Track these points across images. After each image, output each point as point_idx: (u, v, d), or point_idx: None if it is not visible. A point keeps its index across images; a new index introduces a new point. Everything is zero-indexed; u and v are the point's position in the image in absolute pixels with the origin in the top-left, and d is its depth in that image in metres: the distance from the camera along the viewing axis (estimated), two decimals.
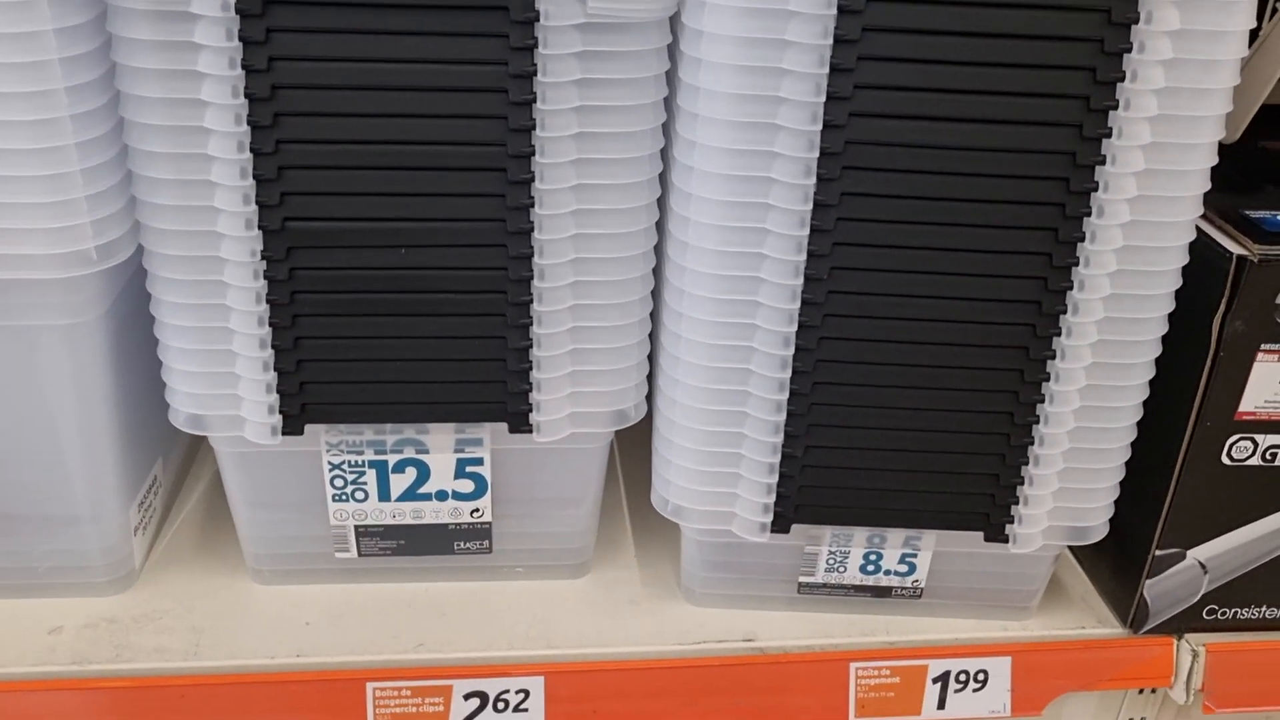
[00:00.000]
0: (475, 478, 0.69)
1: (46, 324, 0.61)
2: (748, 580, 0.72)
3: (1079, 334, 0.60)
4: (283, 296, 0.60)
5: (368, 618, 0.71)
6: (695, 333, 0.62)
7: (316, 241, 0.59)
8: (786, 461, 0.64)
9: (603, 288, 0.62)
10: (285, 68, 0.55)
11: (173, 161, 0.57)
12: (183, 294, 0.61)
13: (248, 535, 0.71)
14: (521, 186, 0.58)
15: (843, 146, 0.56)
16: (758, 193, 0.58)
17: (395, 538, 0.71)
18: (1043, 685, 0.71)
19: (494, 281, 0.61)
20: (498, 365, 0.63)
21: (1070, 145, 0.56)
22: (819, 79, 0.55)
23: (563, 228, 0.60)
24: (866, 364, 0.62)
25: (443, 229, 0.59)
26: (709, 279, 0.60)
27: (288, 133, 0.56)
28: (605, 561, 0.77)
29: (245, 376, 0.62)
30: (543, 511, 0.71)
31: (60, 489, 0.67)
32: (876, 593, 0.71)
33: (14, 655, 0.66)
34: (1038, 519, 0.66)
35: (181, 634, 0.69)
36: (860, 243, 0.59)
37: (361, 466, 0.68)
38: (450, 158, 0.58)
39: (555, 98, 0.57)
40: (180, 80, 0.55)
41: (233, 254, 0.59)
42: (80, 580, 0.70)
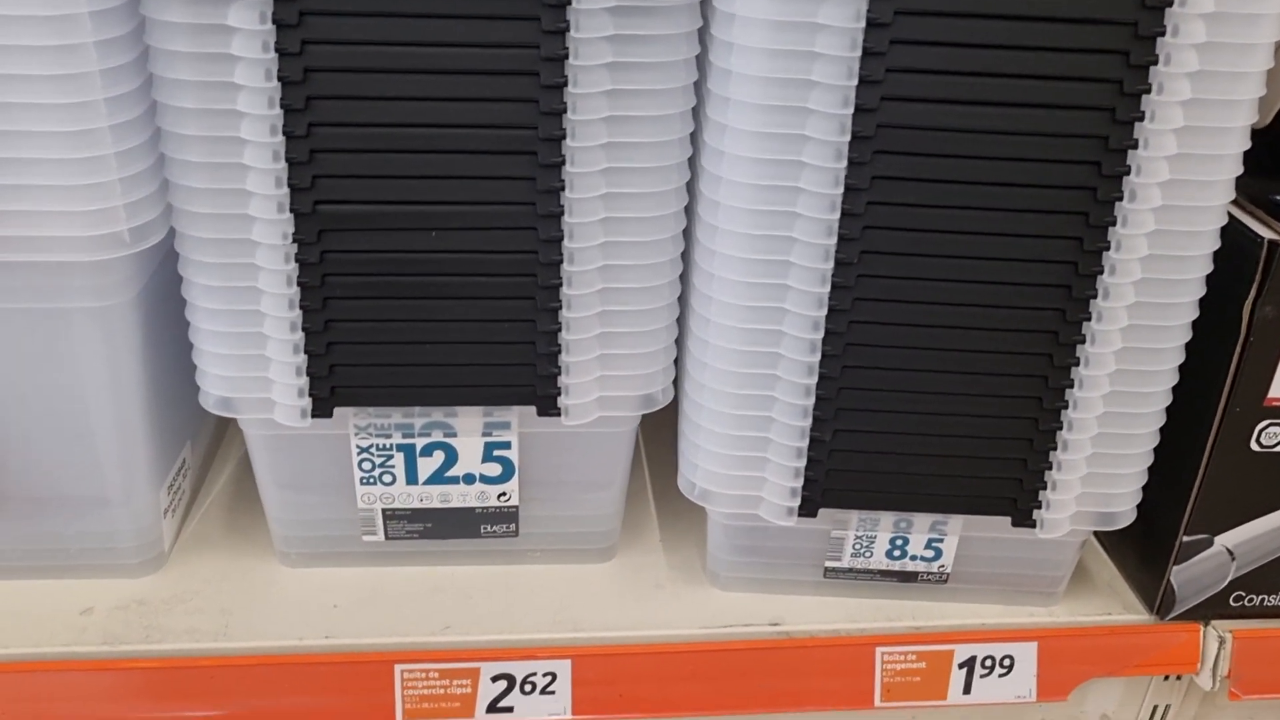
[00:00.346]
0: (503, 461, 0.69)
1: (79, 306, 0.61)
2: (773, 564, 0.72)
3: (1109, 319, 0.60)
4: (314, 279, 0.60)
5: (395, 601, 0.71)
6: (724, 316, 0.62)
7: (348, 225, 0.59)
8: (814, 445, 0.64)
9: (632, 271, 0.62)
10: (318, 51, 0.55)
11: (205, 145, 0.57)
12: (214, 277, 0.61)
13: (276, 518, 0.72)
14: (552, 170, 0.58)
15: (874, 130, 0.56)
16: (788, 176, 0.58)
17: (422, 521, 0.71)
18: (1068, 671, 0.71)
19: (523, 265, 0.61)
20: (527, 348, 0.63)
21: (1102, 129, 0.56)
22: (851, 63, 0.55)
23: (592, 211, 0.60)
24: (896, 348, 0.62)
25: (473, 212, 0.59)
26: (738, 263, 0.60)
27: (320, 116, 0.57)
28: (631, 545, 0.77)
29: (275, 359, 0.63)
30: (569, 495, 0.72)
31: (91, 471, 0.67)
32: (902, 578, 0.71)
33: (46, 635, 0.67)
34: (1065, 504, 0.66)
35: (211, 615, 0.69)
36: (890, 227, 0.58)
37: (389, 450, 0.68)
38: (481, 141, 0.58)
39: (586, 81, 0.57)
40: (213, 64, 0.55)
41: (264, 237, 0.59)
42: (111, 562, 0.71)
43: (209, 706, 0.67)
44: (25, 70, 0.53)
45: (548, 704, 0.68)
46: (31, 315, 0.61)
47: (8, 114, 0.54)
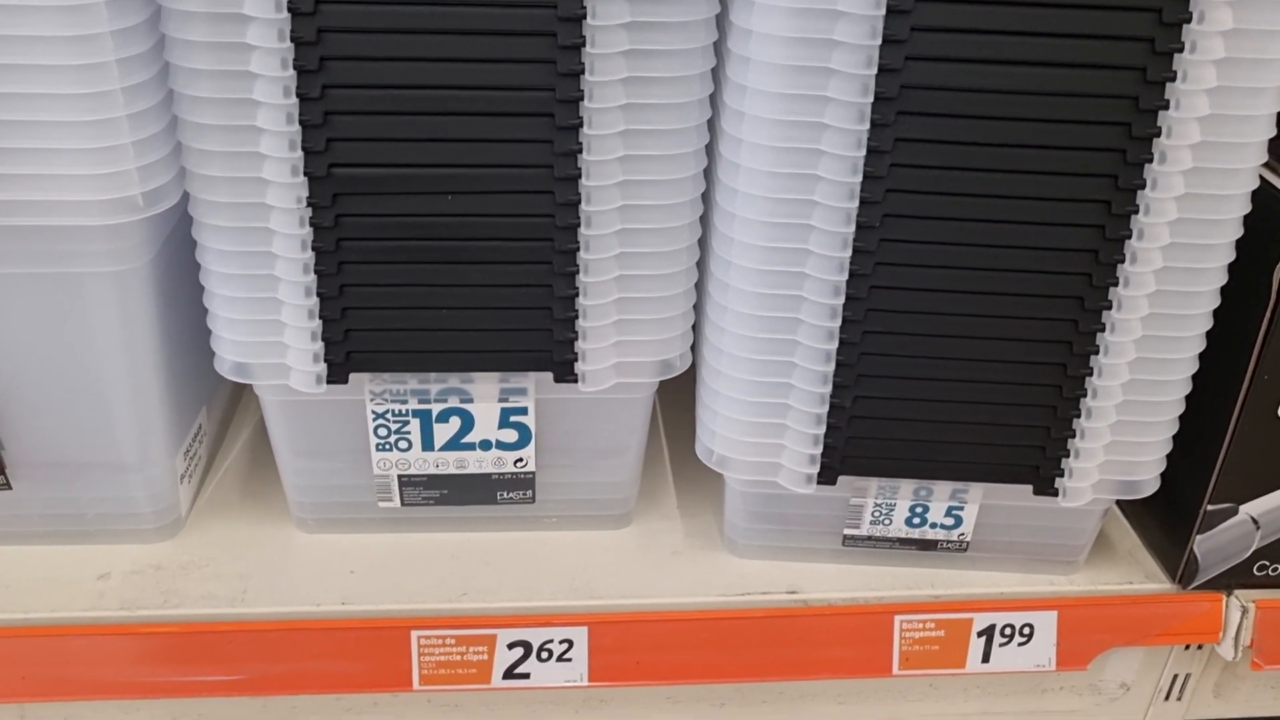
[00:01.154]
0: (519, 427, 0.69)
1: (93, 271, 0.61)
2: (791, 532, 0.71)
3: (1136, 284, 0.59)
4: (328, 244, 0.60)
5: (412, 567, 0.71)
6: (744, 282, 0.61)
7: (362, 188, 0.58)
8: (834, 412, 0.64)
9: (650, 236, 0.61)
10: (331, 11, 0.54)
11: (218, 107, 0.57)
12: (228, 241, 0.60)
13: (292, 484, 0.72)
14: (569, 132, 0.57)
15: (898, 91, 0.55)
16: (809, 139, 0.57)
17: (438, 487, 0.71)
18: (1089, 640, 0.70)
19: (541, 229, 0.60)
20: (543, 314, 0.63)
21: (1133, 89, 0.55)
22: (875, 21, 0.54)
23: (610, 174, 0.59)
24: (917, 314, 0.61)
25: (490, 175, 0.59)
26: (758, 226, 0.59)
27: (334, 78, 0.56)
28: (647, 512, 0.76)
29: (290, 324, 0.62)
30: (586, 462, 0.71)
31: (107, 436, 0.67)
32: (922, 545, 0.71)
33: (64, 600, 0.67)
34: (1088, 472, 0.65)
35: (228, 581, 0.69)
36: (913, 190, 0.57)
37: (405, 416, 0.67)
38: (498, 103, 0.57)
39: (604, 41, 0.56)
40: (226, 24, 0.55)
41: (278, 201, 0.59)
42: (127, 527, 0.71)
43: (226, 671, 0.67)
44: (35, 31, 0.53)
45: (564, 671, 0.68)
46: (46, 280, 0.61)
47: (19, 76, 0.53)
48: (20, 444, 0.67)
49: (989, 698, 0.76)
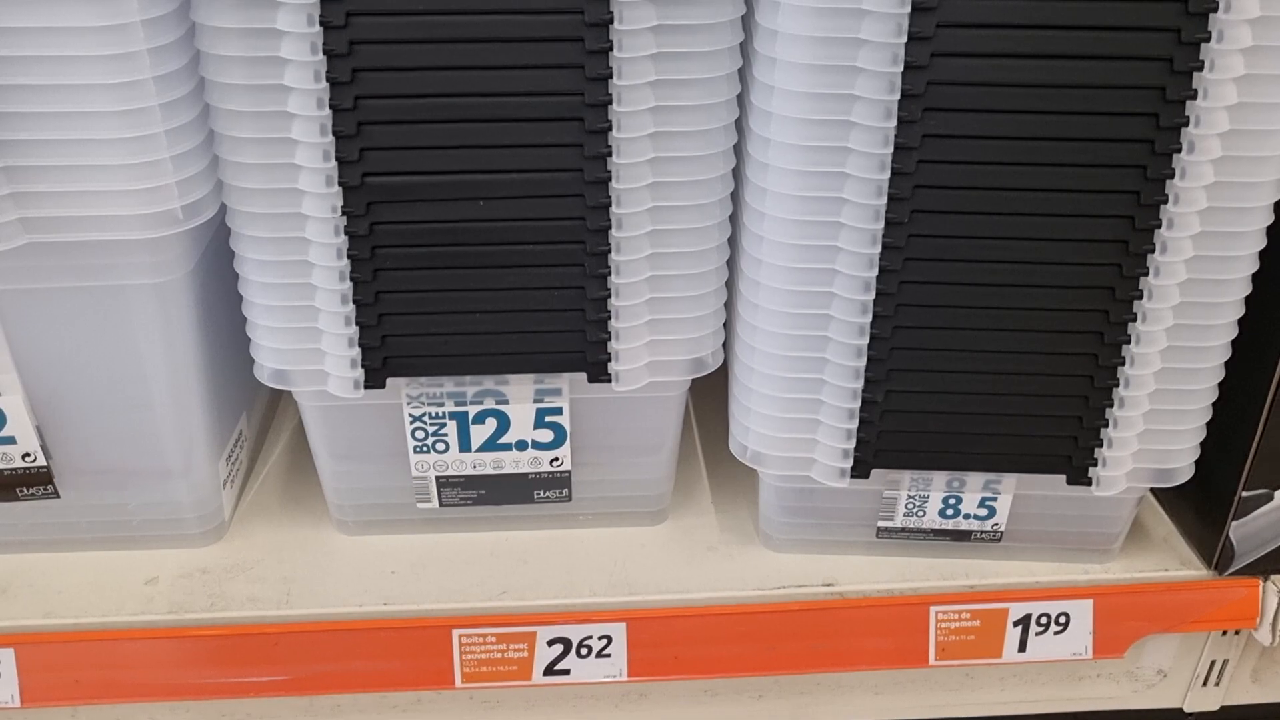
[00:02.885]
0: (554, 427, 0.69)
1: (136, 283, 0.62)
2: (826, 525, 0.72)
3: (1166, 273, 0.59)
4: (363, 251, 0.61)
5: (451, 566, 0.72)
6: (775, 279, 0.62)
7: (396, 196, 0.59)
8: (866, 407, 0.64)
9: (680, 236, 0.62)
10: (362, 23, 0.55)
11: (254, 120, 0.58)
12: (266, 251, 0.61)
13: (332, 487, 0.73)
14: (599, 136, 0.58)
15: (924, 88, 0.55)
16: (837, 137, 0.57)
17: (476, 488, 0.72)
18: (1125, 627, 0.70)
19: (572, 232, 0.61)
20: (576, 315, 0.63)
21: (1160, 80, 0.55)
22: (900, 19, 0.54)
23: (640, 177, 0.60)
24: (948, 308, 0.61)
25: (521, 181, 0.59)
26: (787, 225, 0.60)
27: (366, 88, 0.57)
28: (682, 508, 0.77)
29: (328, 331, 0.63)
30: (621, 459, 0.72)
31: (152, 443, 0.68)
32: (956, 536, 0.71)
33: (114, 604, 0.69)
34: (1122, 461, 0.65)
35: (272, 583, 0.71)
36: (941, 185, 0.58)
37: (442, 418, 0.68)
38: (527, 108, 0.58)
39: (632, 45, 0.56)
40: (260, 38, 0.55)
41: (314, 211, 0.60)
42: (173, 532, 0.72)
43: (272, 672, 0.69)
44: (75, 52, 0.54)
45: (604, 667, 0.69)
46: (91, 293, 0.62)
47: (60, 96, 0.55)
48: (68, 453, 0.68)
49: (1026, 686, 0.77)
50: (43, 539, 0.72)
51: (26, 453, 0.67)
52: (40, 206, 0.57)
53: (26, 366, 0.65)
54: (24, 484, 0.69)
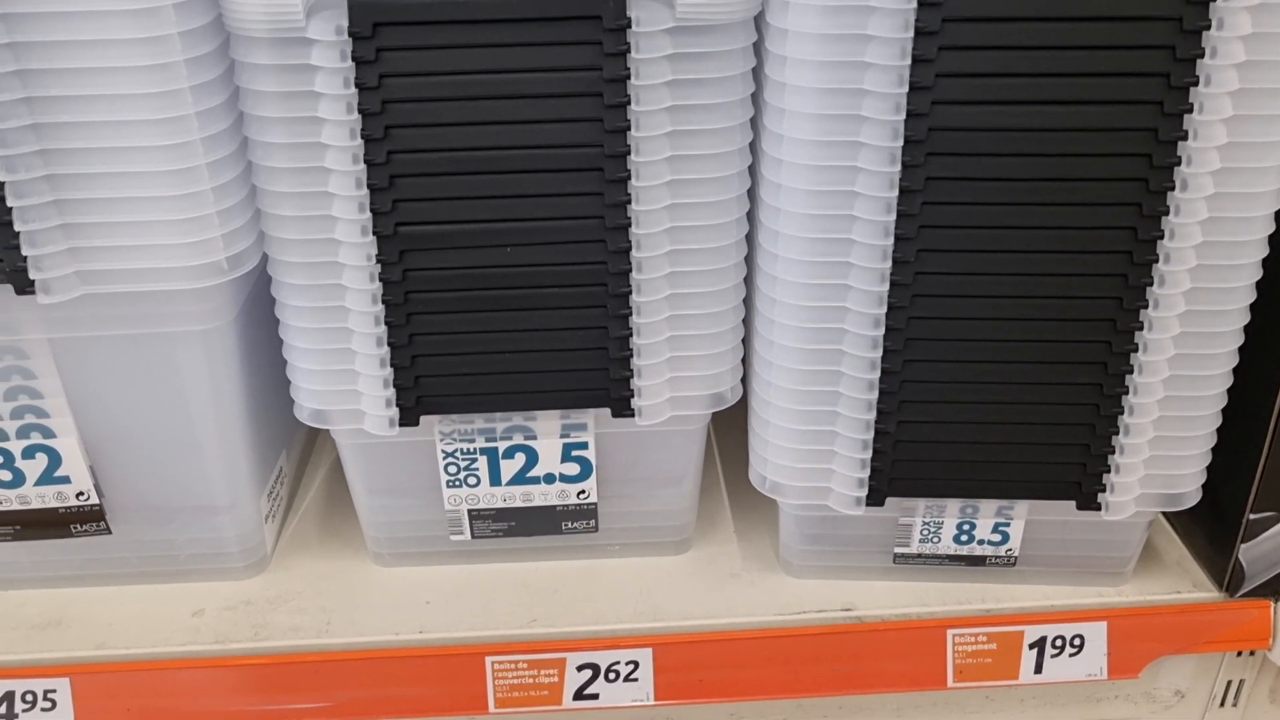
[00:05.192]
0: (581, 461, 0.72)
1: (184, 330, 0.66)
2: (844, 551, 0.74)
3: (1166, 304, 0.62)
4: (397, 297, 0.64)
5: (483, 596, 0.75)
6: (788, 317, 0.64)
7: (427, 244, 0.63)
8: (880, 437, 0.67)
9: (698, 277, 0.65)
10: (394, 84, 0.59)
11: (293, 175, 0.61)
12: (305, 298, 0.65)
13: (368, 520, 0.76)
14: (618, 185, 0.61)
15: (926, 134, 0.58)
16: (844, 181, 0.60)
17: (506, 520, 0.75)
18: (1139, 649, 0.72)
19: (594, 275, 0.64)
20: (600, 354, 0.66)
21: (1152, 121, 0.57)
22: (901, 71, 0.57)
23: (658, 222, 0.63)
24: (956, 341, 0.64)
25: (545, 228, 0.63)
26: (800, 265, 0.63)
27: (398, 144, 0.60)
28: (705, 537, 0.80)
29: (364, 373, 0.66)
30: (645, 491, 0.75)
31: (199, 481, 0.72)
32: (971, 561, 0.73)
33: (163, 635, 0.72)
34: (1130, 487, 0.67)
35: (313, 614, 0.74)
36: (945, 225, 0.60)
37: (473, 454, 0.72)
38: (550, 160, 0.61)
39: (648, 99, 0.59)
40: (298, 100, 0.59)
41: (350, 259, 0.63)
42: (218, 566, 0.76)
43: (314, 699, 0.72)
44: (130, 116, 0.57)
45: (631, 691, 0.71)
46: (141, 340, 0.66)
47: (116, 157, 0.58)
48: (119, 491, 0.72)
49: (1046, 708, 0.79)
50: (94, 573, 0.75)
51: (81, 491, 0.71)
52: (96, 260, 0.61)
53: (81, 410, 0.68)
54: (78, 521, 0.72)
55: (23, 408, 0.68)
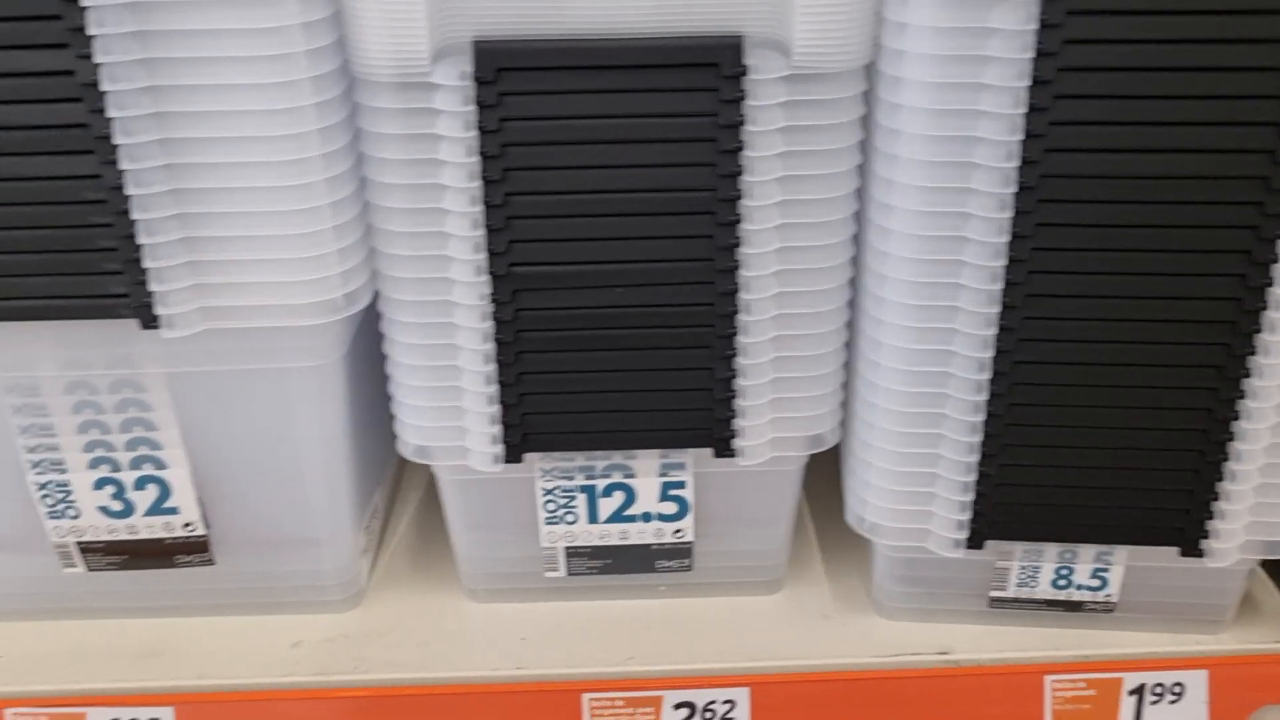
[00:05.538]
0: (678, 500, 0.73)
1: (297, 366, 0.67)
2: (938, 594, 0.74)
3: (1274, 350, 0.62)
4: (508, 335, 0.65)
5: (579, 633, 0.75)
6: (893, 359, 0.65)
7: (540, 284, 0.64)
8: (982, 479, 0.67)
9: (804, 319, 0.66)
10: (514, 127, 0.60)
11: (410, 215, 0.63)
12: (415, 335, 0.66)
13: (464, 556, 0.77)
14: (729, 228, 0.62)
15: (1037, 181, 0.59)
16: (953, 226, 0.61)
17: (602, 558, 0.75)
18: (1241, 698, 0.72)
19: (702, 316, 0.65)
20: (704, 394, 0.67)
21: (1271, 142, 0.57)
22: (1014, 118, 0.58)
23: (767, 265, 0.64)
24: (1061, 385, 0.64)
25: (655, 269, 0.64)
26: (905, 308, 0.63)
27: (515, 186, 0.61)
28: (795, 577, 0.80)
29: (471, 410, 0.68)
30: (740, 531, 0.75)
31: (302, 514, 0.73)
32: (1068, 607, 0.73)
33: (263, 666, 0.73)
34: (1234, 534, 0.67)
35: (410, 648, 0.74)
36: (1053, 270, 0.61)
37: (572, 491, 0.72)
38: (663, 203, 0.62)
39: (762, 145, 0.60)
40: (419, 142, 0.61)
41: (463, 298, 0.64)
42: (316, 599, 0.77)
43: None
44: (258, 158, 0.59)
45: None
46: (255, 375, 0.67)
47: (242, 197, 0.60)
48: (224, 523, 0.73)
49: None
50: (194, 604, 0.77)
51: (188, 522, 0.72)
52: (219, 296, 0.63)
53: (192, 442, 0.70)
54: (183, 551, 0.74)
55: (138, 439, 0.69)
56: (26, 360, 0.66)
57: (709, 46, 0.58)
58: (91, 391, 0.68)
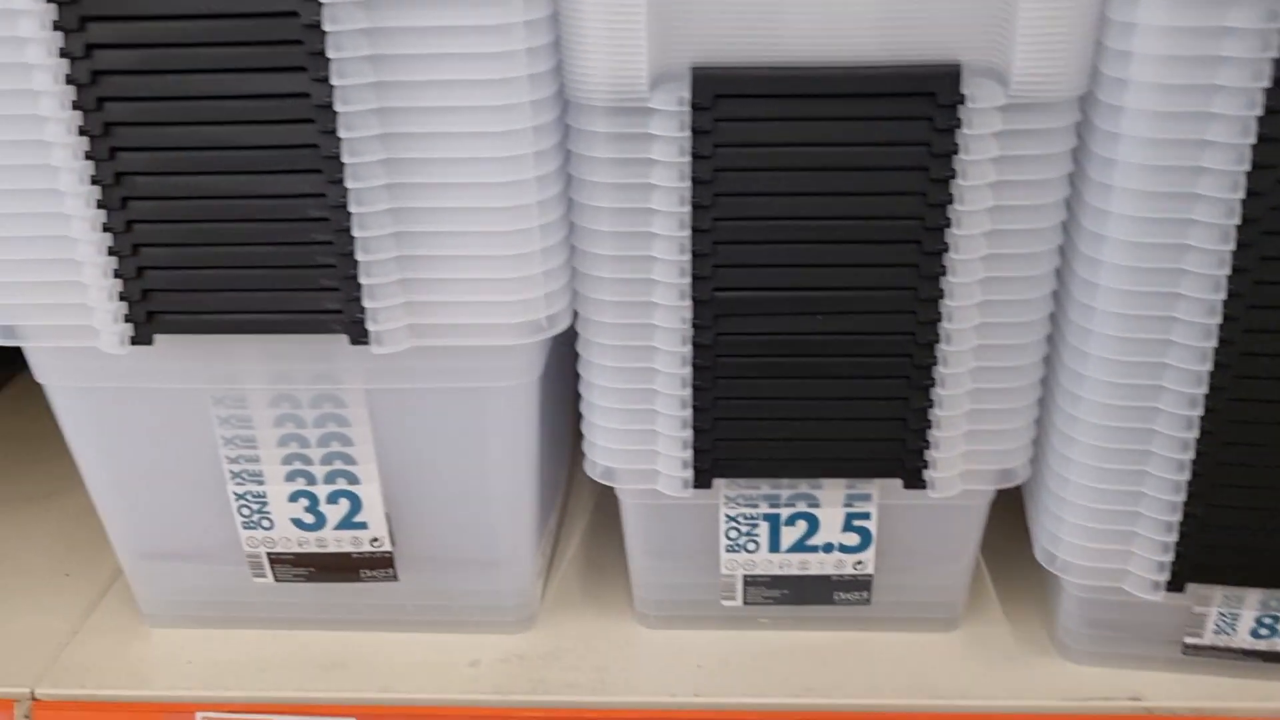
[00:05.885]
0: (861, 531, 0.72)
1: (495, 385, 0.68)
2: (1127, 639, 0.72)
3: None
4: (706, 360, 0.65)
5: (755, 662, 0.75)
6: (1096, 393, 0.64)
7: (742, 310, 0.64)
8: (1187, 520, 0.65)
9: (1004, 351, 0.65)
10: (727, 153, 0.61)
11: (617, 239, 0.63)
12: (612, 358, 0.67)
13: (640, 581, 0.77)
14: (934, 257, 0.62)
15: (1264, 213, 0.57)
16: (1171, 258, 0.60)
17: (780, 587, 0.75)
18: None
19: (901, 345, 0.64)
20: (898, 424, 0.67)
21: None
22: (1241, 149, 0.57)
23: (971, 294, 0.63)
24: (1275, 424, 0.62)
25: (858, 297, 0.63)
26: (1113, 340, 0.62)
27: (724, 211, 0.62)
28: (973, 615, 0.79)
29: (664, 433, 0.68)
30: (921, 565, 0.74)
31: (486, 534, 0.74)
32: (1269, 658, 0.70)
33: (442, 683, 0.74)
34: None
35: (586, 671, 0.74)
36: (1278, 305, 0.59)
37: (755, 519, 0.72)
38: (870, 231, 0.62)
39: (974, 174, 0.60)
40: (631, 166, 0.61)
41: (665, 322, 0.65)
42: (492, 618, 0.77)
43: None
44: (476, 179, 0.61)
45: None
46: (452, 394, 0.68)
47: (458, 217, 0.61)
48: (410, 540, 0.75)
49: None
50: (373, 618, 0.78)
51: (375, 538, 0.74)
52: (428, 315, 0.64)
53: (385, 458, 0.71)
54: (368, 566, 0.75)
55: (334, 454, 0.71)
56: (236, 373, 0.68)
57: (926, 75, 0.58)
58: (294, 405, 0.70)
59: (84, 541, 0.88)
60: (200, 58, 0.58)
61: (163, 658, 0.77)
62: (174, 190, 0.61)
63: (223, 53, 0.58)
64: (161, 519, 0.75)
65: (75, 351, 0.67)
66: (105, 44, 0.58)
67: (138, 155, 0.61)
